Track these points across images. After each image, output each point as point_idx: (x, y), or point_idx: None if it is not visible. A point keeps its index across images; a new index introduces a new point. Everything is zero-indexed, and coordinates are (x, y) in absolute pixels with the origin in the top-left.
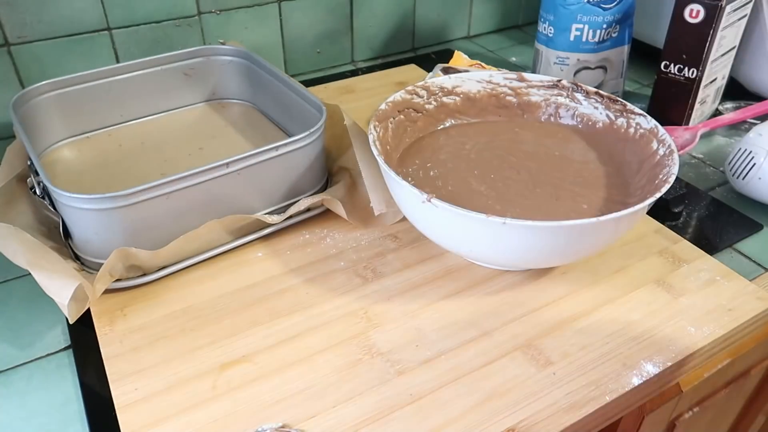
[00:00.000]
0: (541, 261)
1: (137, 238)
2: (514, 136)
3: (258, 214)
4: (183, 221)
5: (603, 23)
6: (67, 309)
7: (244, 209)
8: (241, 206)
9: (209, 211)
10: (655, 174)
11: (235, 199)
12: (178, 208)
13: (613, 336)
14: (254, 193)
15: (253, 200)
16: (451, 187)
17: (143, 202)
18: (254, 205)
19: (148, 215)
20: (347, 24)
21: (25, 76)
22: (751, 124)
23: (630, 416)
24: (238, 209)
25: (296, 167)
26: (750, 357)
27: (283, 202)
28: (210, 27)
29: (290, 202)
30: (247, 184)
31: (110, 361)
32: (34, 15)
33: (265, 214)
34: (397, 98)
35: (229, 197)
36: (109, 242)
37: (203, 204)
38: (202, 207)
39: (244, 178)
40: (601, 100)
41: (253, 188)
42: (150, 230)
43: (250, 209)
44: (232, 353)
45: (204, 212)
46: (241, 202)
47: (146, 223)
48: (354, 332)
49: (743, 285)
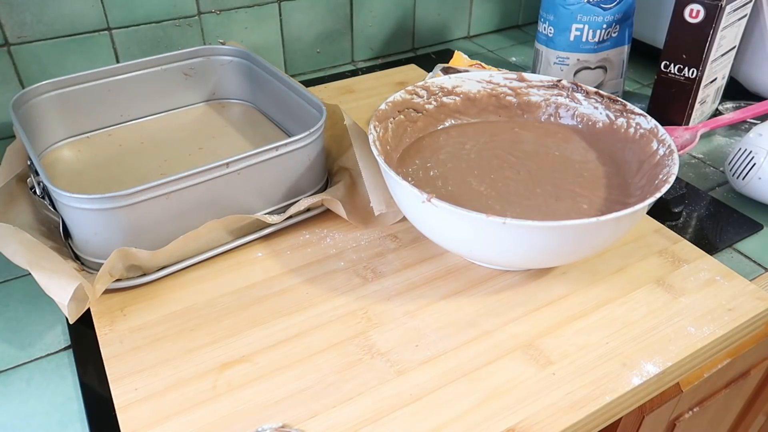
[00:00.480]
0: (541, 261)
1: (137, 238)
2: (514, 136)
3: (258, 214)
4: (183, 221)
5: (603, 23)
6: (66, 309)
7: (244, 209)
8: (241, 206)
9: (209, 211)
10: (655, 174)
11: (235, 199)
12: (178, 208)
13: (613, 336)
14: (254, 193)
15: (253, 200)
16: (451, 187)
17: (143, 202)
18: (254, 205)
19: (148, 215)
20: (347, 24)
21: (25, 76)
22: (751, 124)
23: (630, 416)
24: (238, 209)
25: (296, 167)
26: (750, 357)
27: (283, 202)
28: (210, 27)
29: (290, 202)
30: (247, 184)
31: (110, 361)
32: (34, 15)
33: (265, 214)
34: (397, 98)
35: (229, 197)
36: (109, 242)
37: (203, 204)
38: (202, 207)
39: (244, 178)
40: (601, 100)
41: (253, 188)
42: (150, 230)
43: (250, 209)
44: (232, 353)
45: (204, 212)
46: (241, 202)
47: (146, 223)
48: (354, 332)
49: (743, 285)
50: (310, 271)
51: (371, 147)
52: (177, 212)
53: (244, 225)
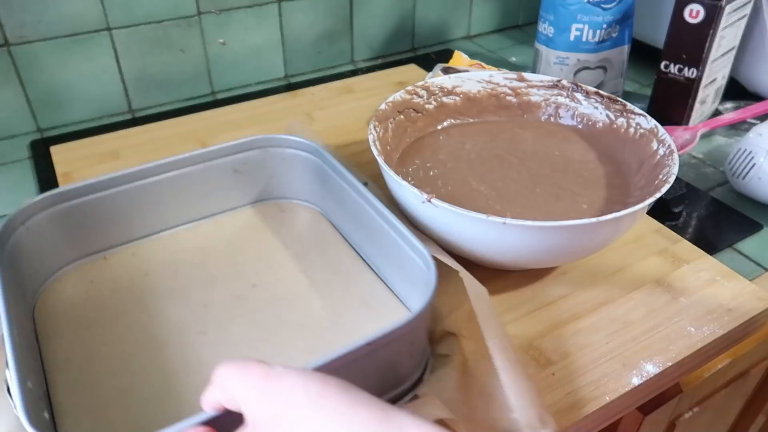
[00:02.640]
0: (541, 261)
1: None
2: (514, 136)
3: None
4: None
5: (603, 23)
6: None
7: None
8: None
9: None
10: (655, 174)
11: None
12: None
13: (612, 336)
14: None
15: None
16: (451, 187)
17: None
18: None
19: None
20: (347, 24)
21: (25, 76)
22: (751, 124)
23: (630, 416)
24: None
25: (393, 356)
26: (750, 357)
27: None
28: (210, 27)
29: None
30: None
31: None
32: (34, 15)
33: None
34: (397, 98)
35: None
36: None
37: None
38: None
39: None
40: (601, 100)
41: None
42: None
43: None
44: None
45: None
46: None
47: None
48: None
49: (743, 285)
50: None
51: (371, 147)
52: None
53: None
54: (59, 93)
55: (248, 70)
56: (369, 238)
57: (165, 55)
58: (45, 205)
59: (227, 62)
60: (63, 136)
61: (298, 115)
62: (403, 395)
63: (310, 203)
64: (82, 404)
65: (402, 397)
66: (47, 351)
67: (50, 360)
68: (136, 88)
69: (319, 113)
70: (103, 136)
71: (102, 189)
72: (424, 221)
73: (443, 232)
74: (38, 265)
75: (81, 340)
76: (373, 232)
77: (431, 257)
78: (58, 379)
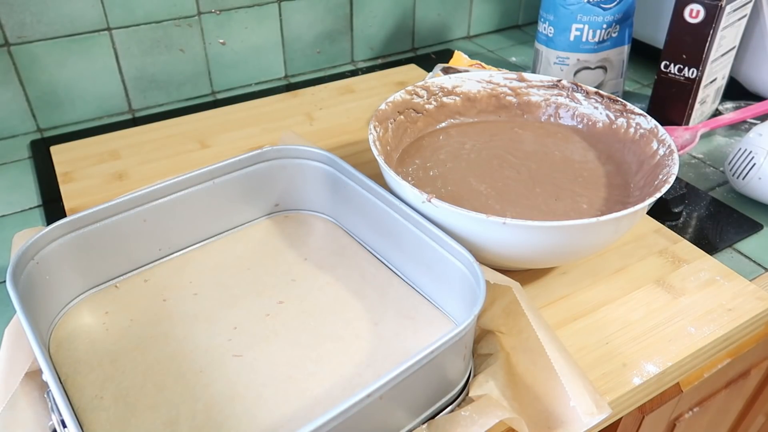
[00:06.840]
0: (541, 261)
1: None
2: (514, 136)
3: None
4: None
5: (603, 23)
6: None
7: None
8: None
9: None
10: (655, 174)
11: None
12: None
13: (613, 336)
14: (389, 413)
15: (390, 419)
16: (451, 187)
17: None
18: (391, 424)
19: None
20: (347, 24)
21: (25, 75)
22: (751, 124)
23: (630, 416)
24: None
25: (447, 362)
26: (750, 357)
27: (423, 412)
28: (210, 27)
29: (433, 412)
30: (384, 407)
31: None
32: (34, 15)
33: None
34: (397, 98)
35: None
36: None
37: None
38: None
39: (384, 401)
40: (601, 100)
41: (393, 408)
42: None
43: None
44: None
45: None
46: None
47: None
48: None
49: (743, 285)
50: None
51: (371, 147)
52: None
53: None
54: (59, 93)
55: (248, 70)
56: (395, 244)
57: (165, 55)
58: (52, 237)
59: (227, 62)
60: (63, 135)
61: (298, 115)
62: (454, 399)
63: (322, 213)
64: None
65: (453, 401)
66: (73, 391)
67: (79, 400)
68: (136, 88)
69: (319, 113)
70: (103, 136)
71: (110, 215)
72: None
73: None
74: (49, 300)
75: (109, 375)
76: (399, 237)
77: (475, 260)
78: (92, 419)
